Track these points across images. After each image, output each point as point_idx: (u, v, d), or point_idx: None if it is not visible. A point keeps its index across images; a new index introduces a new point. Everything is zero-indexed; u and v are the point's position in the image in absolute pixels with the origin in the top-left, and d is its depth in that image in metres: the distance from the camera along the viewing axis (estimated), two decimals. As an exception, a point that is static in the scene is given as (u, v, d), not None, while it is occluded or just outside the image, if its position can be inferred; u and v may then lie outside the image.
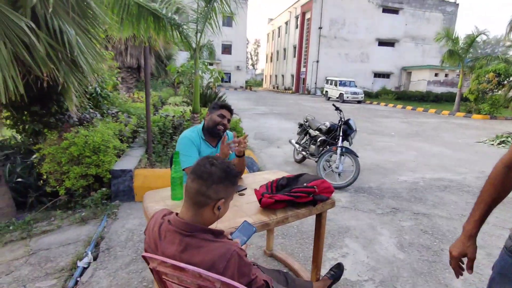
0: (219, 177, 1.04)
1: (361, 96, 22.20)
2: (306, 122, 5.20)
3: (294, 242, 2.80)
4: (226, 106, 2.22)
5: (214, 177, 1.03)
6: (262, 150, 6.23)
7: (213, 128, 2.16)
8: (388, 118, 13.23)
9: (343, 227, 3.11)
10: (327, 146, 4.48)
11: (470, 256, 1.08)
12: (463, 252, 1.08)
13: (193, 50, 4.39)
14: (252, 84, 47.04)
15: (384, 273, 2.39)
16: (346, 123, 4.40)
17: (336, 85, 23.59)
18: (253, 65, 75.80)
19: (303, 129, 5.25)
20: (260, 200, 1.73)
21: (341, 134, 4.33)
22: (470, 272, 1.09)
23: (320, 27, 30.92)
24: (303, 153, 4.93)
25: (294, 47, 36.51)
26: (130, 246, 2.63)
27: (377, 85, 31.95)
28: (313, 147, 4.74)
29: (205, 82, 8.20)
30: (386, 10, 32.13)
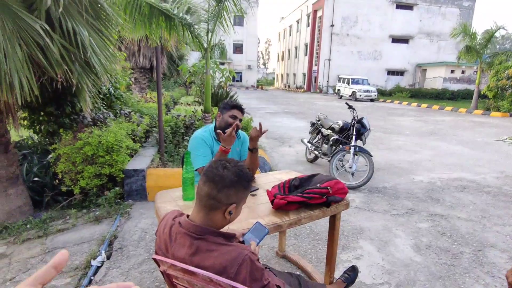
0: (231, 181, 1.01)
1: (374, 94, 21.82)
2: (318, 121, 5.13)
3: (306, 243, 2.76)
4: (237, 106, 2.18)
5: (226, 180, 1.01)
6: (274, 149, 6.19)
7: (225, 129, 2.13)
8: (402, 117, 12.96)
9: (357, 228, 3.05)
10: (340, 145, 4.41)
11: None
12: None
13: (204, 50, 4.39)
14: (263, 83, 47.00)
15: (400, 276, 2.32)
16: (359, 122, 4.31)
17: (348, 83, 23.28)
18: (264, 64, 75.75)
19: (316, 128, 5.18)
20: (272, 201, 1.70)
21: (354, 133, 4.24)
22: None
23: (332, 25, 30.58)
24: (316, 152, 4.86)
25: (306, 46, 36.25)
26: (142, 246, 2.64)
27: (390, 83, 31.40)
28: (325, 147, 4.67)
29: (216, 82, 8.22)
30: (400, 6, 31.49)
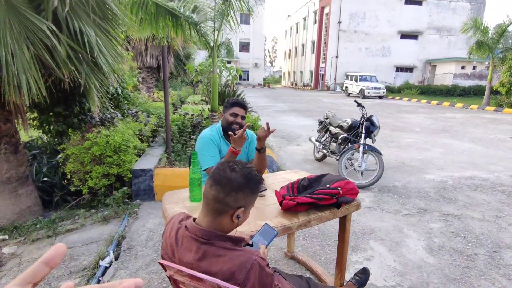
0: (239, 183, 0.97)
1: (382, 91, 21.53)
2: (326, 119, 5.06)
3: (315, 244, 2.71)
4: (238, 102, 2.13)
5: (234, 183, 0.97)
6: (281, 148, 6.14)
7: (228, 128, 2.09)
8: (412, 114, 12.75)
9: (367, 229, 2.99)
10: (349, 144, 4.33)
11: None
12: None
13: (210, 49, 4.36)
14: (270, 81, 46.88)
15: (412, 278, 2.26)
16: (368, 120, 4.23)
17: (356, 80, 23.02)
18: (271, 62, 75.54)
19: (324, 126, 5.11)
20: (281, 202, 1.66)
21: (363, 131, 4.17)
22: None
23: (339, 22, 30.27)
24: (324, 151, 4.80)
25: (313, 43, 35.98)
26: (150, 246, 2.63)
27: (399, 79, 30.97)
28: (334, 145, 4.60)
29: (223, 81, 8.20)
30: (409, 1, 30.97)
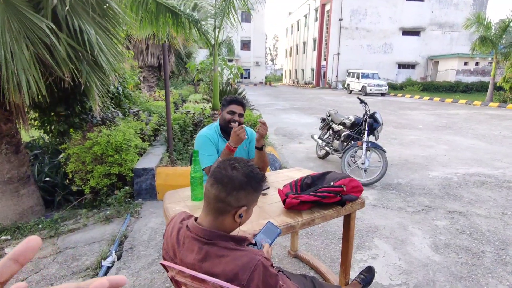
0: (241, 182, 0.94)
1: (385, 88, 21.42)
2: (329, 116, 5.02)
3: (319, 242, 2.68)
4: (235, 100, 2.09)
5: (235, 182, 0.94)
6: (283, 146, 6.11)
7: (225, 126, 2.07)
8: (414, 111, 12.67)
9: (372, 227, 2.95)
10: (352, 141, 4.29)
11: None
12: None
13: (211, 47, 4.33)
14: (271, 79, 46.80)
15: (418, 277, 2.22)
16: (372, 117, 4.19)
17: (358, 77, 22.91)
18: (272, 60, 75.38)
19: (326, 123, 5.07)
20: (284, 200, 1.63)
21: (367, 128, 4.13)
22: None
23: (340, 19, 30.12)
24: (326, 148, 4.76)
25: (314, 40, 35.85)
26: (152, 246, 2.62)
27: (401, 76, 30.81)
28: (336, 142, 4.56)
29: (224, 79, 8.17)
30: (411, -3, 30.80)
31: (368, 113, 4.20)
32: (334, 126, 4.81)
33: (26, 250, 0.30)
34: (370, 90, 21.20)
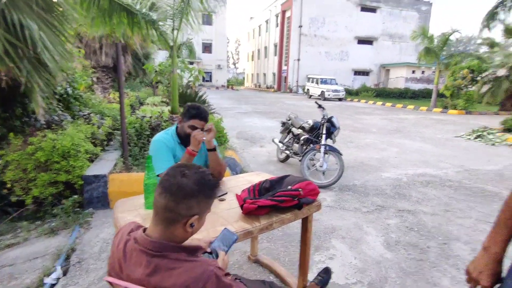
0: (192, 190, 0.90)
1: (342, 93, 22.46)
2: (289, 120, 5.12)
3: (279, 246, 2.70)
4: (199, 115, 1.95)
5: (186, 190, 0.89)
6: (245, 150, 6.10)
7: (185, 138, 2.00)
8: (369, 115, 13.40)
9: (329, 228, 3.04)
10: (311, 145, 4.41)
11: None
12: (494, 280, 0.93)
13: (170, 48, 4.20)
14: (233, 83, 46.81)
15: (372, 274, 2.32)
16: (329, 121, 4.34)
17: (317, 83, 23.77)
18: (234, 63, 75.48)
19: (286, 127, 5.16)
20: (242, 206, 1.61)
21: (324, 132, 4.26)
22: None
23: (300, 26, 31.08)
24: (287, 152, 4.84)
25: (275, 45, 36.57)
26: (104, 258, 2.44)
27: (357, 82, 32.48)
28: (296, 146, 4.66)
29: (185, 82, 7.99)
30: (365, 8, 32.70)
31: (325, 117, 4.34)
32: (294, 130, 4.91)
33: None
34: (329, 95, 22.08)
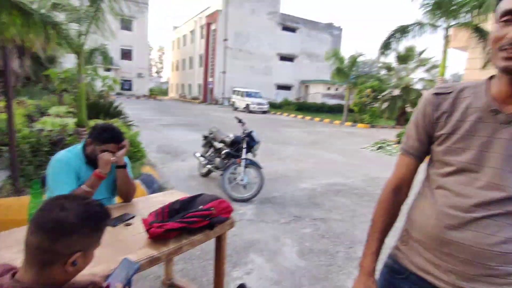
0: (72, 225, 0.79)
1: (266, 107, 23.47)
2: (210, 134, 5.09)
3: (196, 266, 2.61)
4: (113, 139, 1.79)
5: (64, 226, 0.78)
6: (165, 165, 5.83)
7: (94, 159, 1.80)
8: (290, 128, 14.23)
9: (248, 242, 3.07)
10: (232, 159, 4.44)
11: None
12: None
13: (76, 54, 3.81)
14: (157, 92, 44.89)
15: (287, 284, 2.40)
16: (249, 135, 4.45)
17: (242, 96, 24.39)
18: (158, 72, 72.65)
19: (208, 141, 5.12)
20: (148, 230, 1.50)
21: (245, 146, 4.35)
22: None
23: (225, 39, 31.66)
24: (208, 166, 4.79)
25: (201, 57, 36.46)
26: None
27: (280, 96, 34.33)
28: (218, 160, 4.65)
29: (99, 90, 7.30)
30: (285, 28, 35.09)
31: (246, 132, 4.44)
32: (215, 144, 4.89)
33: None
34: (253, 108, 22.83)
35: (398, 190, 1.02)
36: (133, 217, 1.77)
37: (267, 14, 33.59)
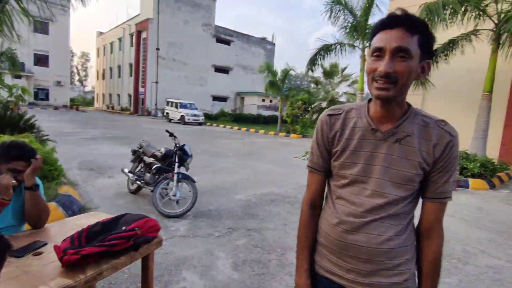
0: None
1: (201, 118, 23.24)
2: (140, 148, 4.84)
3: (123, 291, 2.43)
4: (21, 156, 1.63)
5: None
6: (89, 183, 5.34)
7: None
8: (226, 139, 14.30)
9: (181, 259, 2.98)
10: (164, 173, 4.28)
11: None
12: None
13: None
14: (80, 103, 41.15)
15: (220, 299, 2.39)
16: (181, 149, 4.36)
17: (177, 107, 23.79)
18: (81, 81, 66.61)
19: (137, 156, 4.86)
20: (61, 258, 1.37)
21: (177, 160, 4.24)
22: None
23: (157, 48, 30.70)
24: (138, 182, 4.53)
25: (131, 66, 34.65)
26: None
27: (216, 107, 34.39)
28: (148, 175, 4.43)
29: (8, 100, 6.35)
30: (219, 40, 35.54)
31: (177, 145, 4.34)
32: (145, 158, 4.67)
33: None
34: (189, 119, 22.41)
35: (314, 205, 1.14)
36: (45, 244, 1.59)
37: (202, 25, 33.66)
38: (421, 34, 0.87)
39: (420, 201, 1.03)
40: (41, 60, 31.99)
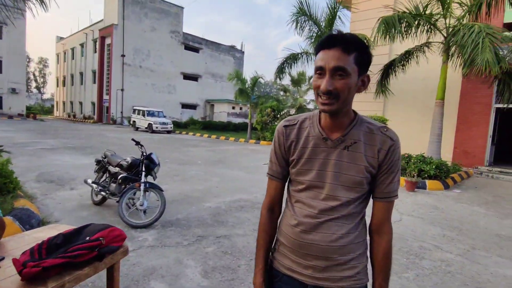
0: None
1: (170, 126, 22.79)
2: (104, 158, 4.69)
3: (88, 305, 2.35)
4: None
5: None
6: (48, 195, 5.05)
7: None
8: (196, 147, 14.15)
9: (149, 269, 2.92)
10: (130, 183, 4.18)
11: None
12: None
13: None
14: (37, 111, 38.72)
15: (189, 307, 2.38)
16: (148, 158, 4.29)
17: (144, 115, 23.17)
18: (38, 88, 62.83)
19: (102, 166, 4.70)
20: (20, 272, 1.33)
21: (143, 169, 4.16)
22: None
23: (123, 55, 29.83)
24: (103, 193, 4.38)
25: (94, 72, 33.33)
26: None
27: (185, 115, 33.92)
28: (113, 186, 4.30)
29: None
30: (188, 48, 35.26)
31: (144, 154, 4.27)
32: (110, 168, 4.53)
33: None
34: (157, 127, 21.90)
35: (272, 209, 1.23)
36: (2, 259, 1.53)
37: (169, 32, 33.24)
38: (357, 52, 0.96)
39: (371, 201, 1.15)
40: (-8, 65, 29.87)
